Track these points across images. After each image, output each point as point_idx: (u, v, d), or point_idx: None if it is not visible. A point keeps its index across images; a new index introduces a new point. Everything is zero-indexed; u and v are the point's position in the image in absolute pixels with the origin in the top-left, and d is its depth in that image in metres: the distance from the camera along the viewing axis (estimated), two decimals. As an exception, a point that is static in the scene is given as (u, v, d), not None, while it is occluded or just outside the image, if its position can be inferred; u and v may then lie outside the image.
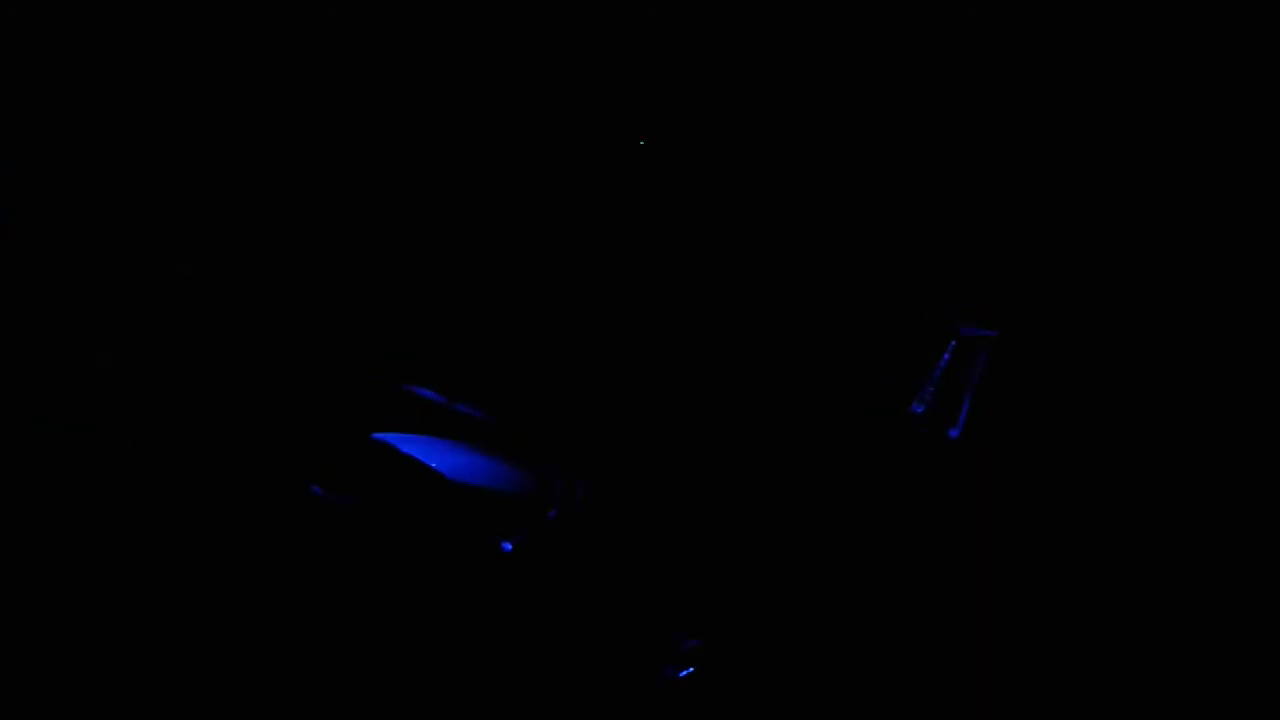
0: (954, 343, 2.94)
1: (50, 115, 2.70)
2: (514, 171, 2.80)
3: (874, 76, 2.92)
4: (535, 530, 2.58)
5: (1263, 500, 2.75)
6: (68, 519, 2.46)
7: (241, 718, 2.33)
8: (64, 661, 2.28)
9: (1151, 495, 2.80)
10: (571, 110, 2.80)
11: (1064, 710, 2.58)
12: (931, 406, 2.91)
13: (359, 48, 2.76)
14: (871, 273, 3.00)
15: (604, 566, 2.67)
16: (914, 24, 2.87)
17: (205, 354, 2.68)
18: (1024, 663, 2.67)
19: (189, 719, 2.28)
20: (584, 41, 2.77)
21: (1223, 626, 2.62)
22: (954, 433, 2.91)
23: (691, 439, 2.85)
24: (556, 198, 2.80)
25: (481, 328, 2.74)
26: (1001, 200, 2.98)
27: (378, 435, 2.64)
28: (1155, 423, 2.83)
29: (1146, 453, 2.82)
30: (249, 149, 2.78)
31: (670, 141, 2.84)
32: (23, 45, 2.69)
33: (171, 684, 2.30)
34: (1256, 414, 2.79)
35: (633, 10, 2.73)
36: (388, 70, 2.77)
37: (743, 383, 2.93)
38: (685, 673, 2.74)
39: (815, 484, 2.88)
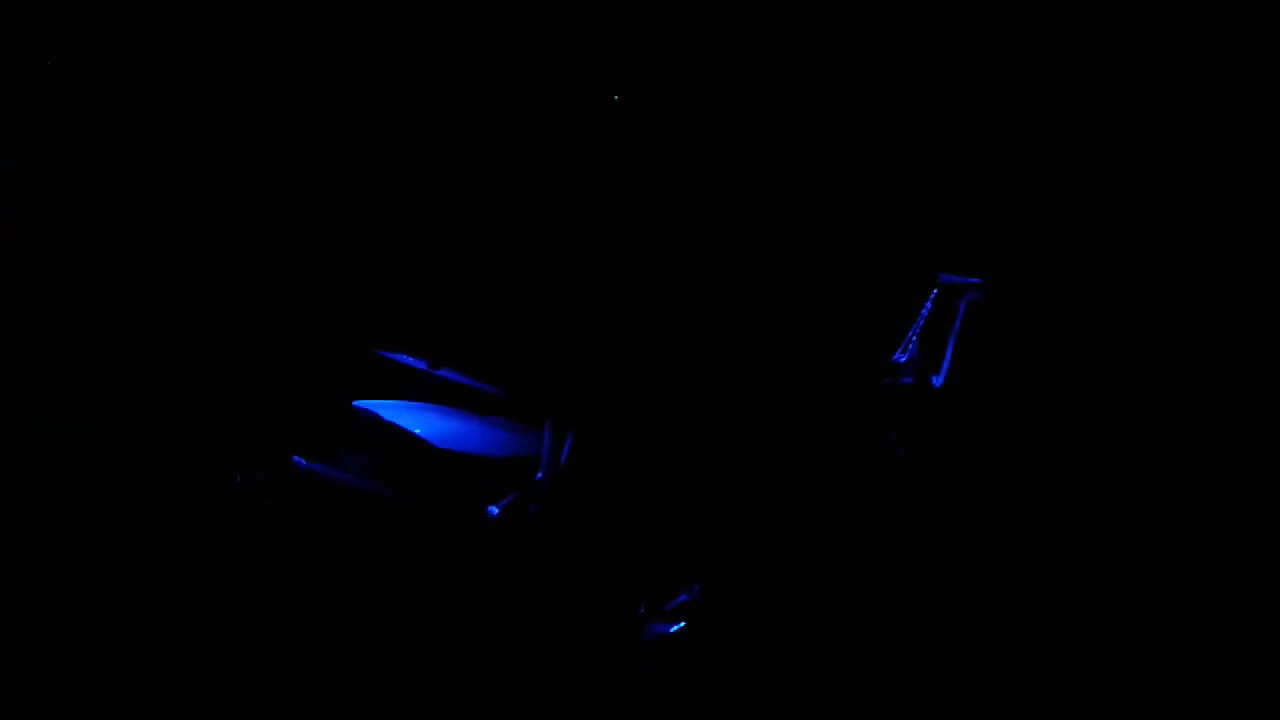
0: (935, 291, 2.92)
1: (50, 115, 2.68)
2: (491, 138, 2.77)
3: (856, 36, 2.89)
4: (522, 494, 2.57)
5: (1251, 431, 2.75)
6: (68, 519, 2.46)
7: (241, 698, 2.33)
8: (65, 658, 2.28)
9: (1139, 442, 2.80)
10: (552, 85, 2.77)
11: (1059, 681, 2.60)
12: (915, 355, 2.90)
13: (358, 48, 2.73)
14: (853, 223, 2.98)
15: (591, 527, 2.67)
16: None
17: (199, 340, 2.66)
18: (1008, 614, 2.68)
19: (190, 711, 2.29)
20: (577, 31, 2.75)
21: (1215, 582, 2.64)
22: (937, 381, 2.90)
23: (677, 396, 2.84)
24: (534, 163, 2.77)
25: (461, 292, 2.72)
26: (981, 146, 2.95)
27: (359, 403, 2.63)
28: (1141, 369, 2.83)
29: (1134, 399, 2.82)
30: (249, 148, 2.75)
31: (648, 93, 2.80)
32: (23, 46, 2.66)
33: (170, 674, 2.30)
34: (1242, 351, 2.79)
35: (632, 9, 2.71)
36: (379, 63, 2.75)
37: (727, 335, 2.92)
38: (676, 628, 2.75)
39: (802, 437, 2.88)
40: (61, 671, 2.27)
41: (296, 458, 2.45)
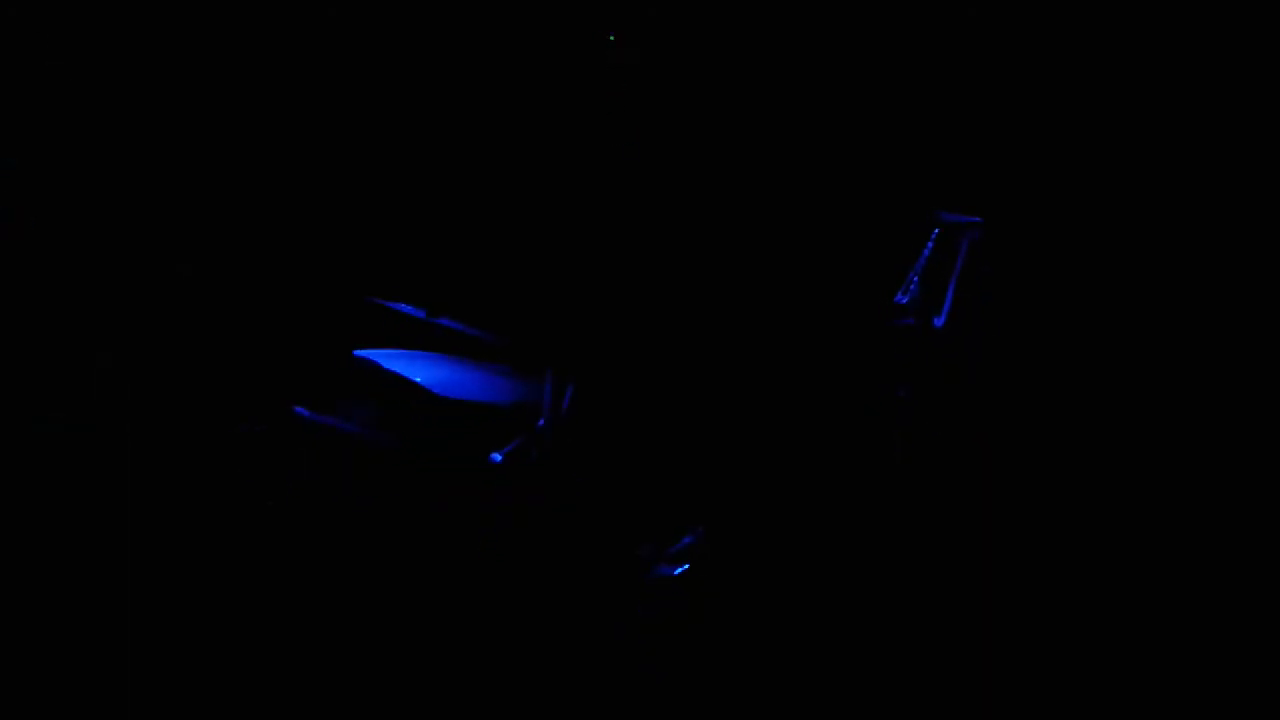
0: (936, 230, 2.90)
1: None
2: (491, 96, 2.75)
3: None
4: (524, 441, 2.57)
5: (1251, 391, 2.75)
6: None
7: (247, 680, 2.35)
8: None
9: (1139, 388, 2.80)
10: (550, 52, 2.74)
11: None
12: (916, 296, 2.89)
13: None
14: (853, 163, 2.95)
15: (594, 472, 2.68)
16: None
17: (197, 296, 2.65)
18: (1002, 562, 2.70)
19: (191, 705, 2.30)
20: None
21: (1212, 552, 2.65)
22: (939, 321, 2.89)
23: (678, 341, 2.83)
24: (533, 111, 2.74)
25: (460, 240, 2.71)
26: (980, 84, 2.92)
27: (359, 352, 2.62)
28: (1143, 309, 2.82)
29: (1136, 340, 2.82)
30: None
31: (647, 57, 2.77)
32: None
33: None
34: (1246, 294, 2.78)
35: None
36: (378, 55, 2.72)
37: (728, 278, 2.91)
38: (679, 570, 2.77)
39: (803, 379, 2.88)
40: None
41: (298, 408, 2.45)
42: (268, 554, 2.47)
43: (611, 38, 2.80)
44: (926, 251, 2.89)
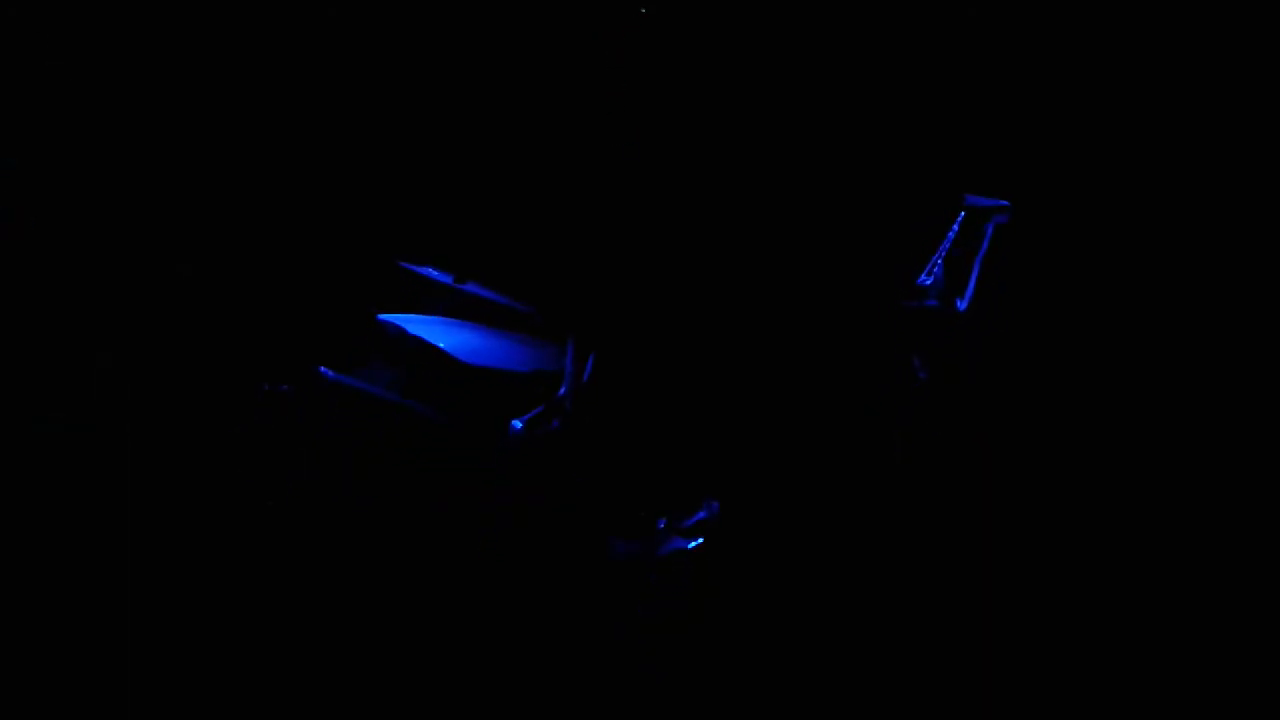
0: (962, 213, 2.90)
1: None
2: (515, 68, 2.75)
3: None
4: (546, 408, 2.59)
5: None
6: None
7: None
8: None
9: (1162, 373, 2.80)
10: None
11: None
12: (939, 278, 2.89)
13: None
14: (879, 145, 2.94)
15: (613, 442, 2.69)
16: None
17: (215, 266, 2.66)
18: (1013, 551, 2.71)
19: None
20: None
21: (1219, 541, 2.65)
22: (962, 305, 2.89)
23: (699, 310, 2.83)
24: (557, 84, 2.74)
25: (489, 207, 2.71)
26: (1006, 69, 2.91)
27: (384, 316, 2.63)
28: (1167, 296, 2.82)
29: (1159, 326, 2.81)
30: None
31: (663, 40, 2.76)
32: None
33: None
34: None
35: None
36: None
37: (751, 254, 2.91)
38: (695, 544, 2.79)
39: (823, 357, 2.88)
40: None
41: (323, 368, 2.47)
42: (267, 552, 2.48)
43: (644, 10, 2.80)
44: (951, 234, 2.89)
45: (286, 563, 2.48)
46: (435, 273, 2.60)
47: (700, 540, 2.78)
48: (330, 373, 2.48)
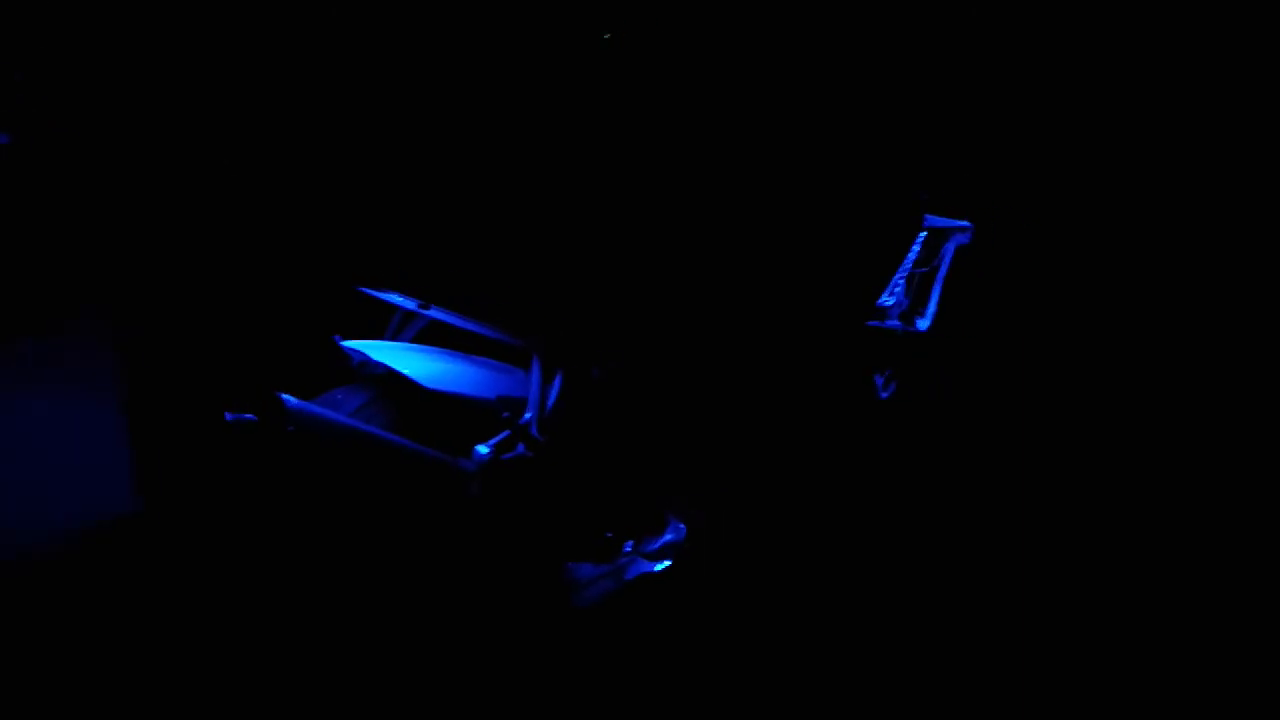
0: (923, 234, 2.93)
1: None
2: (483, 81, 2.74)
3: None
4: (511, 433, 2.58)
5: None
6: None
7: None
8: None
9: (1128, 390, 2.84)
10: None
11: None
12: (900, 298, 2.91)
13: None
14: (840, 163, 2.96)
15: (578, 467, 2.68)
16: None
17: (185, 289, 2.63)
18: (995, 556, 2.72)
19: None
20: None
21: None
22: (923, 325, 2.92)
23: (661, 334, 2.84)
24: (521, 101, 2.73)
25: (451, 231, 2.70)
26: (972, 87, 2.94)
27: (346, 343, 2.61)
28: (1131, 313, 2.86)
29: (1124, 342, 2.85)
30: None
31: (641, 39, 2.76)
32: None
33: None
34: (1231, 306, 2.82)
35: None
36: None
37: (713, 276, 2.91)
38: (662, 566, 2.78)
39: (789, 379, 2.89)
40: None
41: (285, 396, 2.44)
42: (234, 578, 2.46)
43: (606, 36, 2.80)
44: (912, 255, 2.91)
45: (254, 588, 2.46)
46: (399, 298, 2.58)
47: (668, 563, 2.78)
48: (293, 400, 2.45)
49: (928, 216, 2.92)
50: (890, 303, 2.90)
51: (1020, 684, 2.45)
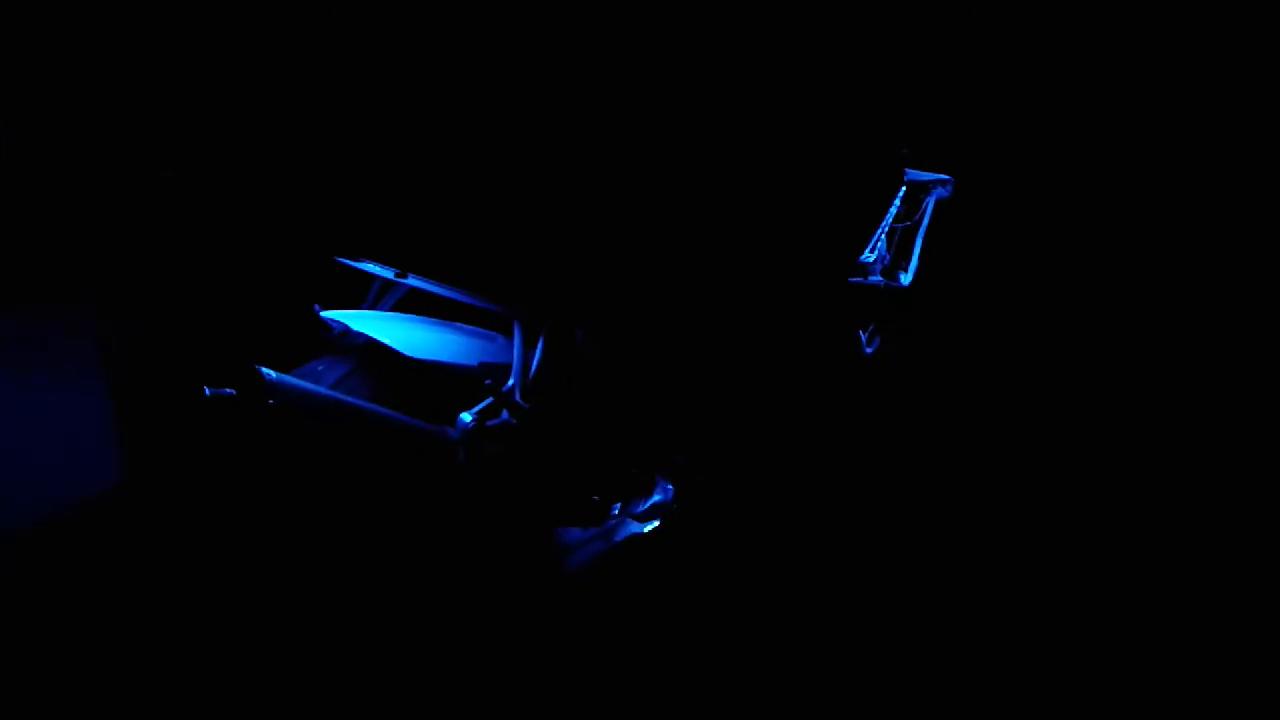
0: (904, 188, 2.91)
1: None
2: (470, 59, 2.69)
3: None
4: (494, 400, 2.56)
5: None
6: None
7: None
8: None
9: (1108, 347, 2.84)
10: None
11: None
12: (882, 253, 2.90)
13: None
14: (818, 122, 2.94)
15: (563, 431, 2.68)
16: None
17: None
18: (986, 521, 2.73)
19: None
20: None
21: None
22: (905, 280, 2.91)
23: (641, 294, 2.82)
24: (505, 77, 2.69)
25: (426, 197, 2.67)
26: (951, 41, 2.91)
27: (325, 313, 2.59)
28: (1112, 269, 2.85)
29: (1105, 298, 2.85)
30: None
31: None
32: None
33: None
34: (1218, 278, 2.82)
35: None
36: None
37: (696, 236, 2.90)
38: (649, 527, 2.79)
39: (773, 338, 2.88)
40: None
41: (264, 369, 2.41)
42: (220, 557, 2.44)
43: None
44: (893, 210, 2.90)
45: (240, 566, 2.44)
46: (376, 267, 2.56)
47: (655, 523, 2.78)
48: (272, 373, 2.43)
49: (908, 170, 2.90)
50: (872, 258, 2.89)
51: (1002, 657, 2.47)
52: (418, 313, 2.67)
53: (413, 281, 2.58)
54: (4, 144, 2.51)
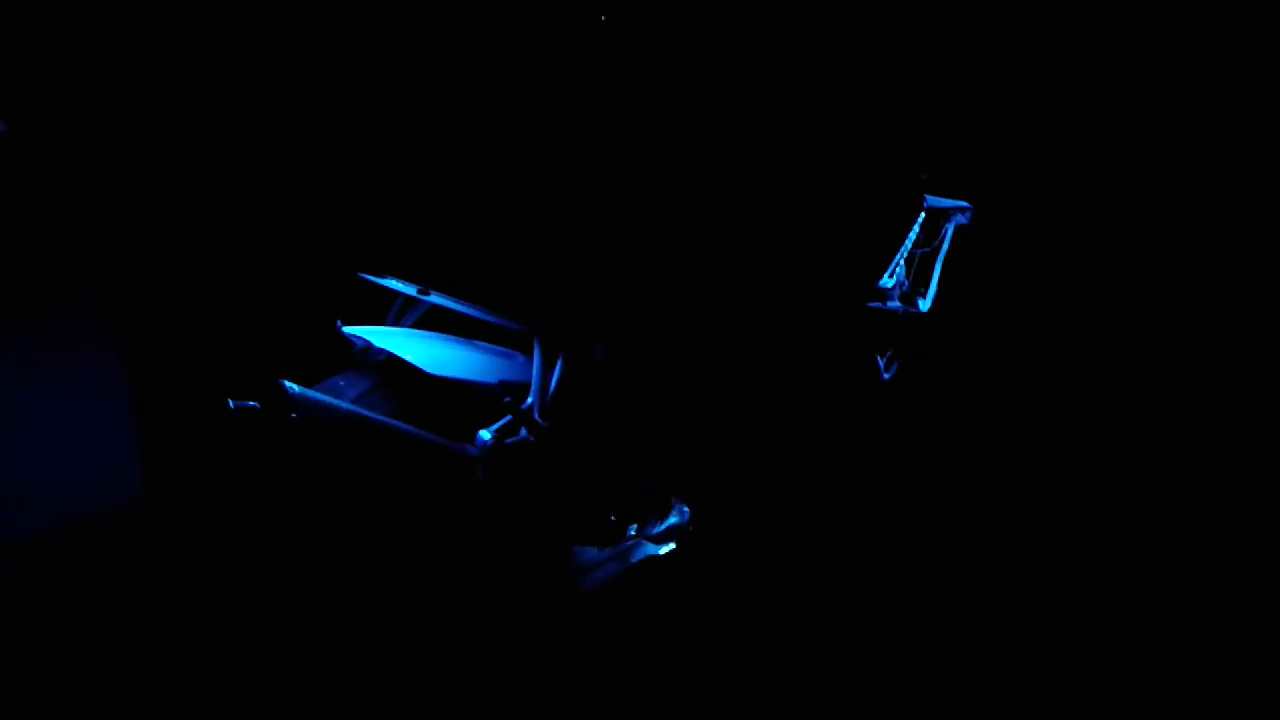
0: (923, 215, 2.92)
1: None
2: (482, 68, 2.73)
3: None
4: (513, 418, 2.58)
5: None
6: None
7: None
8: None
9: (1126, 371, 2.84)
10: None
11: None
12: (901, 279, 2.91)
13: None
14: (840, 144, 2.96)
15: (581, 451, 2.69)
16: None
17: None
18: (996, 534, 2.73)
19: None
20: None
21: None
22: (924, 305, 2.92)
23: (662, 316, 2.83)
24: (522, 86, 2.72)
25: (453, 215, 2.69)
26: (970, 67, 2.93)
27: (348, 329, 2.61)
28: (1128, 296, 2.86)
29: (1122, 323, 2.85)
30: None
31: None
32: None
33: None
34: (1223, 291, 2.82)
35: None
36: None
37: (710, 253, 2.91)
38: (665, 549, 2.79)
39: (791, 361, 2.89)
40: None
41: (287, 383, 2.43)
42: (236, 568, 2.45)
43: (603, 18, 2.79)
44: (912, 236, 2.91)
45: (261, 578, 2.46)
46: (398, 284, 2.58)
47: (671, 545, 2.78)
48: (295, 387, 2.45)
49: (927, 197, 2.92)
50: (891, 284, 2.90)
51: (1016, 668, 2.46)
52: (439, 329, 2.69)
53: (434, 298, 2.60)
54: (30, 154, 2.55)
